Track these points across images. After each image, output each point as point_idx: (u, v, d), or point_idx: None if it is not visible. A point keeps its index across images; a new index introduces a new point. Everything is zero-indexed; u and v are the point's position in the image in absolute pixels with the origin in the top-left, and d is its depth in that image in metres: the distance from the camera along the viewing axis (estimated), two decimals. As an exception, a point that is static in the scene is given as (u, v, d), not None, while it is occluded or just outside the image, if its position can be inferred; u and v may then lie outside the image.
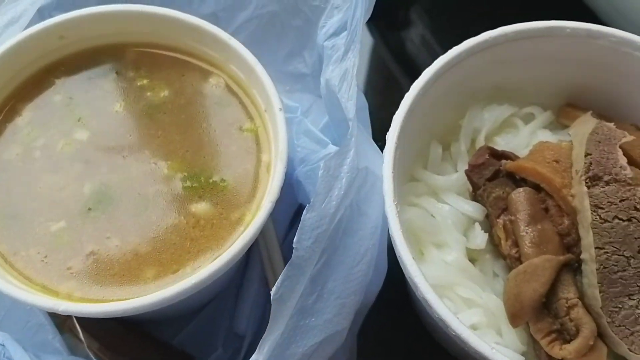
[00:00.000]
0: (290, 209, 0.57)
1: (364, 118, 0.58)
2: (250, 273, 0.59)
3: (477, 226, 0.49)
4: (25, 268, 0.46)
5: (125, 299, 0.43)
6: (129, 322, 0.57)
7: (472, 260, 0.50)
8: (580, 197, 0.47)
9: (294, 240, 0.43)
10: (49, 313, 0.54)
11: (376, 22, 0.85)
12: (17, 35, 0.50)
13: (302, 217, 0.43)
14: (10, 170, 0.49)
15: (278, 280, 0.42)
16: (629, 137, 0.49)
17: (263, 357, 0.42)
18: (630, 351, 0.45)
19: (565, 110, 0.56)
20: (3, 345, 0.46)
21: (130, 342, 0.56)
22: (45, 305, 0.42)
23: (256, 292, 0.58)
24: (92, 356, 0.54)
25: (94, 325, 0.56)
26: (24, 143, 0.50)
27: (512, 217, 0.48)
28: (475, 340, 0.41)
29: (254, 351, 0.42)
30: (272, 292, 0.42)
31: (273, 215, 0.57)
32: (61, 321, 0.55)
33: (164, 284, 0.45)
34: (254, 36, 0.60)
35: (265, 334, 0.42)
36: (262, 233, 0.57)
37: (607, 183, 0.47)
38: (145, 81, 0.52)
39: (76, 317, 0.55)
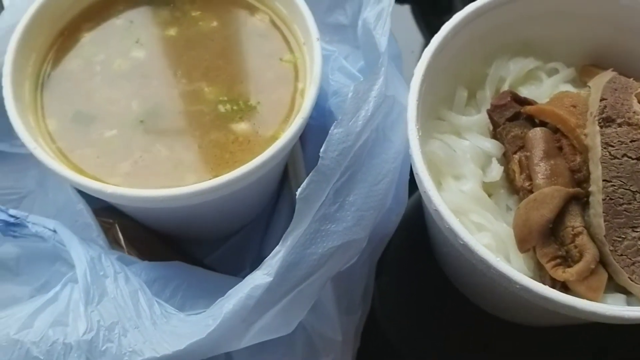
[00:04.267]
0: (320, 139, 0.61)
1: (398, 66, 0.62)
2: (281, 205, 0.64)
3: (494, 160, 0.53)
4: (80, 163, 0.51)
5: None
6: (167, 239, 0.62)
7: (488, 194, 0.53)
8: (593, 135, 0.50)
9: (321, 150, 0.47)
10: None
11: (418, 6, 0.89)
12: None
13: (329, 132, 0.47)
14: (73, 80, 0.55)
15: (304, 182, 0.46)
16: (644, 87, 0.52)
17: (285, 249, 0.46)
18: (631, 280, 0.47)
19: (587, 69, 0.59)
20: (55, 231, 0.52)
21: (165, 254, 0.60)
22: (95, 187, 0.47)
23: (285, 223, 0.62)
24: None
25: (135, 238, 0.61)
26: (85, 57, 0.55)
27: (528, 153, 0.52)
28: (481, 249, 0.45)
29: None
30: (297, 192, 0.46)
31: (303, 142, 0.61)
32: (105, 230, 0.61)
33: (201, 186, 0.50)
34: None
35: (289, 228, 0.46)
36: (293, 163, 0.61)
37: (620, 125, 0.50)
38: (198, 13, 0.58)
39: (119, 227, 0.60)
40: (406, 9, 0.90)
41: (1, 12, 0.60)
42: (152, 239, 0.61)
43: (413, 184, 0.51)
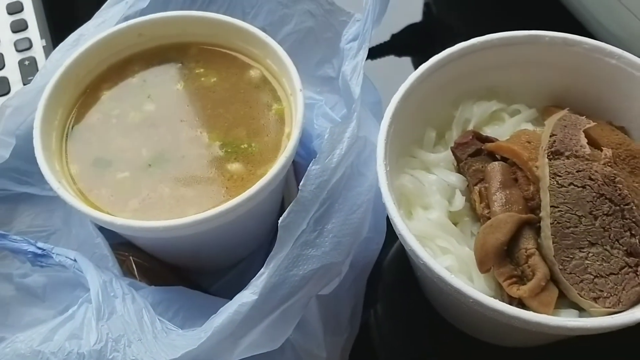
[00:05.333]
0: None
1: (377, 111, 0.70)
2: (278, 239, 0.71)
3: (458, 192, 0.59)
4: (96, 201, 0.59)
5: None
6: (177, 270, 0.69)
7: (454, 222, 0.59)
8: (542, 167, 0.56)
9: (300, 184, 0.54)
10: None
11: (416, 59, 0.98)
12: (107, 31, 0.65)
13: (308, 169, 0.55)
14: (93, 131, 0.63)
15: (285, 212, 0.53)
16: (592, 124, 0.58)
17: (269, 271, 0.52)
18: (580, 296, 0.52)
19: (548, 109, 0.65)
20: (75, 260, 0.60)
21: (173, 283, 0.67)
22: (107, 219, 0.55)
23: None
24: (142, 290, 0.66)
25: (147, 269, 0.68)
26: (104, 112, 0.64)
27: (487, 185, 0.58)
28: (438, 268, 0.51)
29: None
30: (279, 221, 0.53)
31: (298, 180, 0.68)
32: (121, 262, 0.68)
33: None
34: (294, 46, 0.73)
35: (272, 253, 0.53)
36: (288, 196, 0.69)
37: (567, 157, 0.56)
38: (201, 70, 0.66)
39: (133, 260, 0.68)
40: (406, 60, 0.98)
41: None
42: (162, 270, 0.69)
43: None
